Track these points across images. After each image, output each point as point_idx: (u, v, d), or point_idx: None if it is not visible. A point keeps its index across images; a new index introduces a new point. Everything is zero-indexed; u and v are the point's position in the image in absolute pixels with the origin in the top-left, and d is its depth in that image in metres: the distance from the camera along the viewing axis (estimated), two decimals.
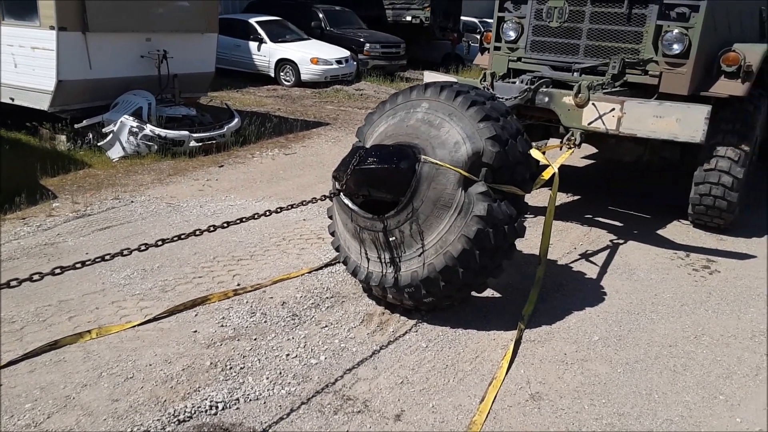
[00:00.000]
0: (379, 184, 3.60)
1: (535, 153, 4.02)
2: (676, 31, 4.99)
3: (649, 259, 5.05)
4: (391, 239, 3.69)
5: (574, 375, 3.43)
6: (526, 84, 5.11)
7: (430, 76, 5.81)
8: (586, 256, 5.06)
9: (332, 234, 4.26)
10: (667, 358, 3.63)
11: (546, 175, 4.18)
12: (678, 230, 5.71)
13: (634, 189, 7.07)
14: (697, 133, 4.37)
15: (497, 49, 6.05)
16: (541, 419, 3.06)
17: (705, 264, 4.99)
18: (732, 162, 5.13)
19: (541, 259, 4.33)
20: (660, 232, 5.65)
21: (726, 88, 5.06)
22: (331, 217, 4.29)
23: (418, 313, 3.96)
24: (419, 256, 3.64)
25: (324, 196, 3.58)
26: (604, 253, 5.12)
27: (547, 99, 4.98)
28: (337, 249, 4.19)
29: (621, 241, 5.38)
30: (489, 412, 3.07)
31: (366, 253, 3.88)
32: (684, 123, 4.39)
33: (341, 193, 3.72)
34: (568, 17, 5.49)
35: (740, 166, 5.13)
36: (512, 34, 5.88)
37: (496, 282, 4.29)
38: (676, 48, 5.01)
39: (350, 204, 3.77)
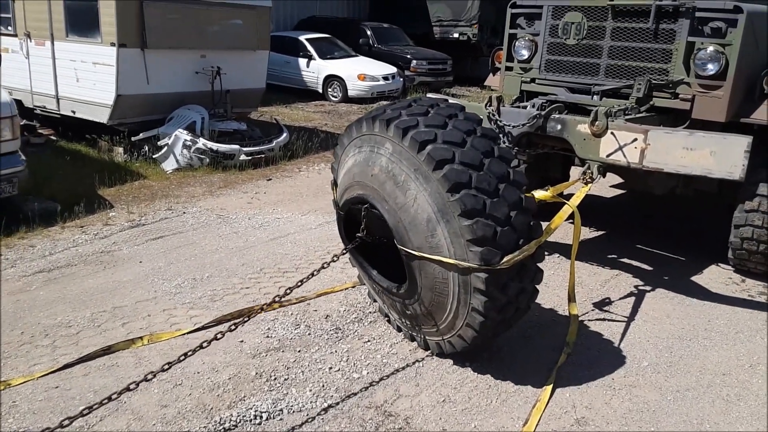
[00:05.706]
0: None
1: (539, 194, 3.59)
2: (710, 48, 4.39)
3: (702, 283, 4.89)
4: (408, 312, 3.61)
5: (622, 401, 3.34)
6: (537, 109, 4.58)
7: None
8: (631, 282, 4.94)
9: (364, 284, 4.14)
10: (720, 387, 3.50)
11: (558, 219, 3.51)
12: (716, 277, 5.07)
13: (668, 224, 6.47)
14: (736, 169, 3.70)
15: (509, 69, 5.52)
16: None
17: (762, 290, 4.81)
18: None
19: (570, 296, 4.08)
20: (695, 278, 5.04)
21: None
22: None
23: None
24: (437, 332, 3.51)
25: (335, 256, 3.56)
26: (653, 279, 4.99)
27: (559, 126, 4.40)
28: (374, 300, 4.13)
29: (666, 277, 5.22)
30: None
31: (400, 319, 3.84)
32: (720, 157, 3.73)
33: (367, 267, 3.73)
34: (587, 34, 4.96)
35: None
36: (525, 53, 5.36)
37: (540, 306, 4.24)
38: (711, 68, 4.40)
39: (378, 277, 3.71)
